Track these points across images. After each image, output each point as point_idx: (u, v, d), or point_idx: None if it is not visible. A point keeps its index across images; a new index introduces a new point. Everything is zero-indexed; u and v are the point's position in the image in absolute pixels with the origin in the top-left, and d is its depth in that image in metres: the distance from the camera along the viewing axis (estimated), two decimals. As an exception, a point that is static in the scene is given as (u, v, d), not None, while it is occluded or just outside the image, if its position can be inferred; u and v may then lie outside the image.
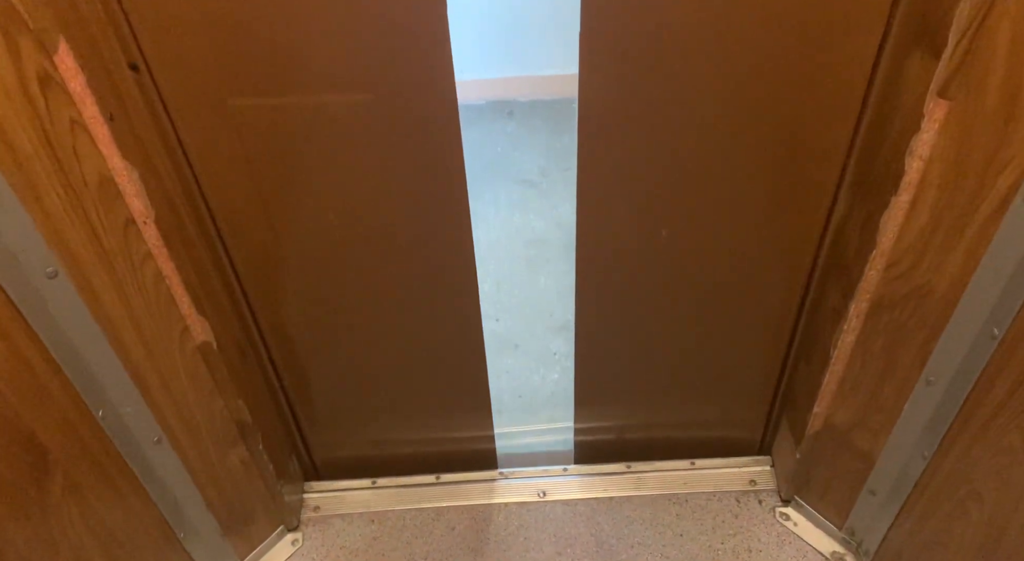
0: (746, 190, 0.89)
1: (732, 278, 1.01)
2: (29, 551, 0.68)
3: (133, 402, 0.85)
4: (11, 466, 0.65)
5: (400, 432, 1.22)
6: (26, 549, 0.67)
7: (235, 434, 1.02)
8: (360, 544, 1.20)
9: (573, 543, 1.19)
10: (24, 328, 0.68)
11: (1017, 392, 0.73)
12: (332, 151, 0.83)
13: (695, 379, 1.16)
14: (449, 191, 0.88)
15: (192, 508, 1.00)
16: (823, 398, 1.02)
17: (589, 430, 1.24)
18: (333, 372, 1.11)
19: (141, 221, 0.76)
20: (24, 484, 0.67)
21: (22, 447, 0.67)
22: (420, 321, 1.04)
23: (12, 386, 0.66)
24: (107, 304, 0.77)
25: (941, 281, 0.80)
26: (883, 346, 0.91)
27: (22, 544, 0.67)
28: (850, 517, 1.12)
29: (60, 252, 0.71)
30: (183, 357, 0.89)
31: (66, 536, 0.74)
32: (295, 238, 0.91)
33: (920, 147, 0.73)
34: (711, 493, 1.25)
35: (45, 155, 0.66)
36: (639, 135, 0.84)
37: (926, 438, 0.91)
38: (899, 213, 0.79)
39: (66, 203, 0.69)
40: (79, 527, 0.76)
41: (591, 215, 0.92)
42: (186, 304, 0.85)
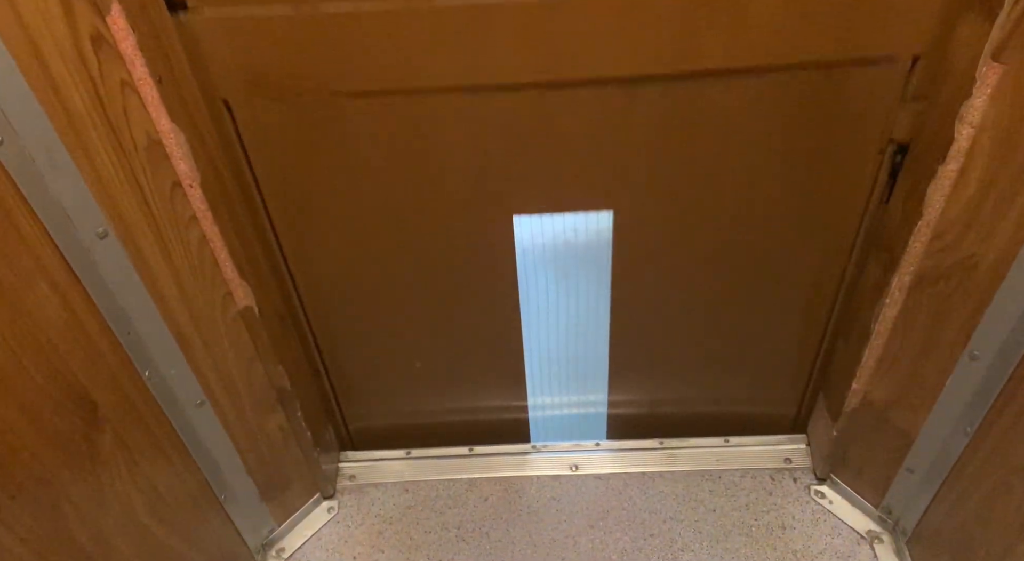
0: (786, 160, 0.88)
1: (771, 252, 0.99)
2: (81, 501, 0.70)
3: (177, 364, 0.87)
4: (64, 419, 0.67)
5: (435, 404, 1.24)
6: (79, 499, 0.69)
7: (274, 400, 1.03)
8: (394, 513, 1.22)
9: (605, 516, 1.19)
10: (77, 286, 0.70)
11: (1066, 365, 0.72)
12: (378, 121, 0.83)
13: (731, 355, 1.15)
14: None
15: (232, 472, 1.02)
16: (861, 375, 1.01)
17: (622, 403, 1.24)
18: (371, 342, 1.12)
19: (187, 184, 0.77)
20: (76, 437, 0.69)
21: (74, 402, 0.69)
22: (458, 294, 1.05)
23: (66, 342, 0.68)
24: (153, 266, 0.79)
25: (988, 253, 0.79)
26: (925, 321, 0.89)
27: (75, 494, 0.69)
28: (887, 496, 1.11)
29: (109, 212, 0.72)
30: (225, 321, 0.90)
31: (115, 490, 0.76)
32: (337, 205, 0.92)
33: (971, 113, 0.71)
34: (745, 470, 1.24)
35: (97, 116, 0.67)
36: (679, 98, 0.83)
37: (969, 414, 0.89)
38: (946, 183, 0.77)
39: (116, 164, 0.71)
40: (127, 482, 0.78)
41: (627, 189, 0.92)
42: (229, 269, 0.87)
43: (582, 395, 1.24)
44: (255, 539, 1.13)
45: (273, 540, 1.17)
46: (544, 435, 1.29)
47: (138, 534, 0.81)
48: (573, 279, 1.04)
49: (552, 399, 1.24)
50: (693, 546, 1.15)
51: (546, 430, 1.29)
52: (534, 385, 1.21)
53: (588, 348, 1.15)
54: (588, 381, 1.21)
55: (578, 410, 1.26)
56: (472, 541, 1.17)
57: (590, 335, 1.13)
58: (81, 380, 0.70)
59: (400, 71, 0.79)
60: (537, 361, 1.17)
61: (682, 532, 1.16)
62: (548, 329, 1.12)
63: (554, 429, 1.29)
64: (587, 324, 1.11)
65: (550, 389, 1.22)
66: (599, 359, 1.17)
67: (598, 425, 1.28)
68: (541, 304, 1.08)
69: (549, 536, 1.17)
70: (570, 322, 1.11)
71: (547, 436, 1.29)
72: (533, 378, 1.19)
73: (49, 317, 0.66)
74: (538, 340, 1.13)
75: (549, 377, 1.20)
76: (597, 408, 1.26)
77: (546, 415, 1.27)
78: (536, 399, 1.24)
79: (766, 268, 1.02)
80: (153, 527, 0.84)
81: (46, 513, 0.65)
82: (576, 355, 1.17)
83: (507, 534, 1.17)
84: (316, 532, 1.19)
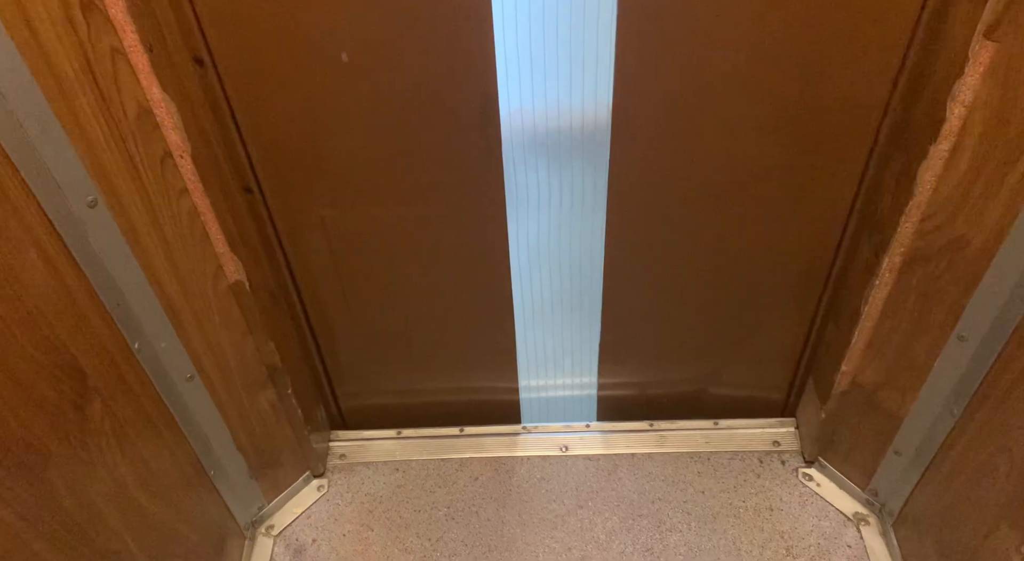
0: (780, 141, 0.88)
1: (763, 234, 1.00)
2: (70, 472, 0.70)
3: (167, 337, 0.87)
4: (53, 386, 0.67)
5: (426, 384, 1.24)
6: (67, 468, 0.69)
7: (265, 377, 1.03)
8: (385, 491, 1.22)
9: (594, 497, 1.20)
10: (66, 255, 0.70)
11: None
12: (368, 87, 0.83)
13: (721, 338, 1.16)
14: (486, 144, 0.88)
15: (221, 447, 1.02)
16: (851, 356, 1.01)
17: (613, 385, 1.25)
18: (362, 321, 1.12)
19: (178, 155, 0.77)
20: (65, 406, 0.69)
21: (63, 370, 0.69)
22: (450, 272, 1.05)
23: (55, 310, 0.68)
24: (143, 237, 0.79)
25: (978, 233, 0.79)
26: (915, 302, 0.90)
27: (64, 464, 0.69)
28: (874, 478, 1.12)
29: (100, 182, 0.72)
30: (216, 295, 0.90)
31: (103, 460, 0.76)
32: (330, 179, 0.92)
33: (963, 92, 0.71)
34: (734, 453, 1.25)
35: (87, 82, 0.67)
36: (671, 89, 0.83)
37: (956, 395, 0.90)
38: (938, 163, 0.77)
39: (106, 133, 0.70)
40: (115, 453, 0.78)
41: (621, 173, 0.92)
42: (220, 242, 0.86)
43: (573, 377, 1.24)
44: (245, 515, 1.13)
45: (263, 517, 1.17)
46: (535, 416, 1.30)
47: (127, 505, 0.81)
48: (566, 257, 1.05)
49: (543, 381, 1.24)
50: (681, 527, 1.15)
51: (537, 411, 1.29)
52: (526, 365, 1.21)
53: (579, 329, 1.16)
54: (579, 362, 1.22)
55: (569, 392, 1.27)
56: (462, 520, 1.17)
57: (582, 315, 1.13)
58: (70, 348, 0.70)
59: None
60: (529, 341, 1.17)
61: (670, 513, 1.17)
62: (541, 310, 1.12)
63: (545, 410, 1.29)
64: (580, 304, 1.11)
65: (541, 370, 1.23)
66: (590, 340, 1.17)
67: (589, 407, 1.29)
68: (535, 286, 1.08)
69: (538, 516, 1.17)
70: (563, 303, 1.11)
71: (538, 417, 1.30)
72: (525, 357, 1.20)
73: (38, 284, 0.66)
74: (532, 320, 1.14)
75: (541, 357, 1.20)
76: (587, 390, 1.26)
77: (537, 396, 1.27)
78: (527, 380, 1.24)
79: (758, 252, 1.02)
80: (142, 499, 0.84)
81: (34, 480, 0.65)
82: (567, 336, 1.17)
83: (497, 513, 1.18)
84: (306, 510, 1.20)
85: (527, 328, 1.15)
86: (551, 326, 1.15)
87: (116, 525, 0.78)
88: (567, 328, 1.15)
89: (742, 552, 1.12)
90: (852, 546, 1.12)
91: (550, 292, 1.08)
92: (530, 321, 1.13)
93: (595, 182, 0.94)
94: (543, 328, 1.14)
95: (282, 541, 1.16)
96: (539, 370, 1.22)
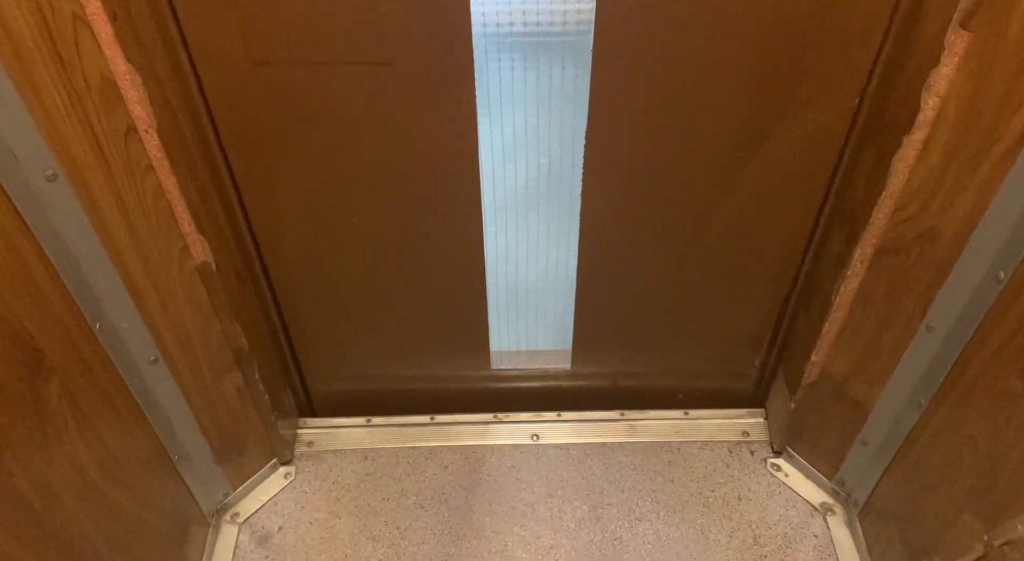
0: (752, 130, 0.88)
1: (735, 225, 1.00)
2: (25, 454, 0.68)
3: (130, 318, 0.85)
4: (7, 365, 0.65)
5: (396, 371, 1.22)
6: (22, 451, 0.67)
7: (231, 360, 1.01)
8: (353, 479, 1.21)
9: (564, 485, 1.19)
10: (23, 229, 0.67)
11: (1019, 334, 0.73)
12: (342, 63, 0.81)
13: (691, 328, 1.16)
14: (459, 128, 0.86)
15: (186, 432, 1.00)
16: (821, 347, 1.02)
17: (584, 376, 1.24)
18: (332, 306, 1.10)
19: (143, 129, 0.75)
20: (20, 385, 0.67)
21: (19, 348, 0.67)
22: (423, 257, 1.03)
23: (9, 286, 0.65)
24: (106, 214, 0.76)
25: (949, 224, 0.80)
26: (885, 293, 0.91)
27: (18, 445, 0.67)
28: (841, 468, 1.13)
29: (59, 154, 0.70)
30: (181, 276, 0.88)
31: (61, 443, 0.73)
32: (298, 158, 0.90)
33: (938, 82, 0.72)
34: (703, 443, 1.26)
35: (46, 48, 0.64)
36: (648, 71, 0.83)
37: (923, 386, 0.91)
38: (911, 153, 0.78)
39: (66, 103, 0.68)
40: (75, 437, 0.76)
41: (597, 163, 0.91)
42: (186, 221, 0.84)
43: (545, 366, 1.24)
44: (209, 502, 1.11)
45: (228, 504, 1.15)
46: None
47: (86, 490, 0.78)
48: (543, 240, 1.04)
49: (515, 370, 1.24)
50: (650, 516, 1.15)
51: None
52: (498, 352, 1.20)
53: (553, 319, 1.15)
54: (551, 353, 1.21)
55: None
56: (431, 508, 1.16)
57: (556, 304, 1.13)
58: (27, 326, 0.67)
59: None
60: (503, 327, 1.16)
61: (640, 502, 1.17)
62: (515, 294, 1.11)
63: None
64: (553, 293, 1.11)
65: (514, 358, 1.22)
66: (564, 332, 1.17)
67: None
68: (511, 270, 1.07)
69: (508, 504, 1.17)
70: (538, 291, 1.10)
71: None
72: (497, 343, 1.19)
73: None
74: (505, 306, 1.13)
75: (514, 341, 1.19)
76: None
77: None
78: (499, 369, 1.23)
79: (732, 241, 1.02)
80: (102, 484, 0.81)
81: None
82: (540, 326, 1.16)
83: (466, 502, 1.17)
84: (272, 497, 1.18)
85: (500, 314, 1.14)
86: (525, 315, 1.14)
87: (74, 510, 0.76)
88: (541, 311, 1.14)
89: (710, 541, 1.12)
90: (819, 536, 1.13)
91: (525, 273, 1.07)
92: (504, 307, 1.13)
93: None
94: (517, 312, 1.14)
95: (247, 528, 1.14)
96: (512, 358, 1.22)
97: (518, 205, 0.98)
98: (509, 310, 1.12)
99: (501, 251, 1.04)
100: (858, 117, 0.86)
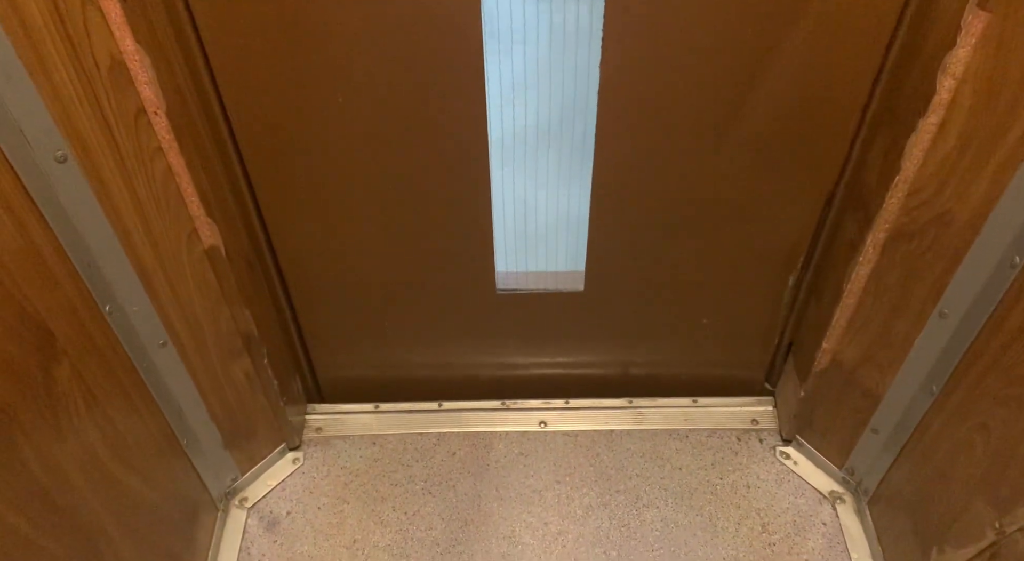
0: (766, 114, 0.87)
1: (746, 211, 0.99)
2: (37, 435, 0.68)
3: (139, 301, 0.85)
4: (18, 345, 0.65)
5: (405, 357, 1.22)
6: (34, 432, 0.67)
7: (240, 346, 1.01)
8: (361, 465, 1.21)
9: (572, 472, 1.19)
10: (33, 211, 0.67)
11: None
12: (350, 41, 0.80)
13: (701, 316, 1.15)
14: (465, 63, 0.84)
15: (195, 416, 1.00)
16: (832, 335, 1.01)
17: (594, 364, 1.24)
18: (341, 292, 1.10)
19: (152, 111, 0.74)
20: (31, 366, 0.67)
21: (29, 329, 0.67)
22: (432, 243, 1.03)
23: (20, 267, 0.65)
24: (115, 196, 0.76)
25: (964, 209, 0.79)
26: (898, 279, 0.90)
27: (30, 426, 0.67)
28: (851, 457, 1.12)
29: (69, 136, 0.69)
30: (191, 260, 0.88)
31: (72, 425, 0.74)
32: (310, 142, 0.89)
33: (954, 64, 0.71)
34: (712, 430, 1.25)
35: (56, 31, 0.64)
36: (661, 51, 0.82)
37: (935, 373, 0.90)
38: (926, 137, 0.77)
39: (76, 85, 0.68)
40: (84, 418, 0.76)
41: (608, 145, 0.90)
42: (195, 205, 0.84)
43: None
44: (218, 487, 1.12)
45: (236, 489, 1.16)
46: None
47: (97, 472, 0.79)
48: (554, 181, 1.00)
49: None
50: (658, 503, 1.15)
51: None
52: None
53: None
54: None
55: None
56: (439, 494, 1.17)
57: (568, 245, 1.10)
58: (37, 308, 0.67)
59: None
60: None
61: (647, 489, 1.17)
62: (524, 237, 1.06)
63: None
64: (564, 233, 1.07)
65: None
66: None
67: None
68: (519, 254, 1.06)
69: (516, 490, 1.17)
70: (547, 232, 1.05)
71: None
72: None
73: (3, 241, 0.63)
74: (513, 246, 1.10)
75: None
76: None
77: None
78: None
79: (743, 227, 1.01)
80: (112, 466, 0.82)
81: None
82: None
83: (474, 488, 1.17)
84: (280, 482, 1.18)
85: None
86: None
87: (85, 491, 0.76)
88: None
89: (718, 529, 1.12)
90: (827, 524, 1.12)
91: (534, 215, 1.03)
92: (512, 244, 1.09)
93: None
94: (526, 253, 1.08)
95: (256, 513, 1.14)
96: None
97: (527, 145, 0.94)
98: (518, 250, 1.07)
99: (508, 193, 0.99)
100: (872, 100, 0.85)
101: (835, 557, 1.08)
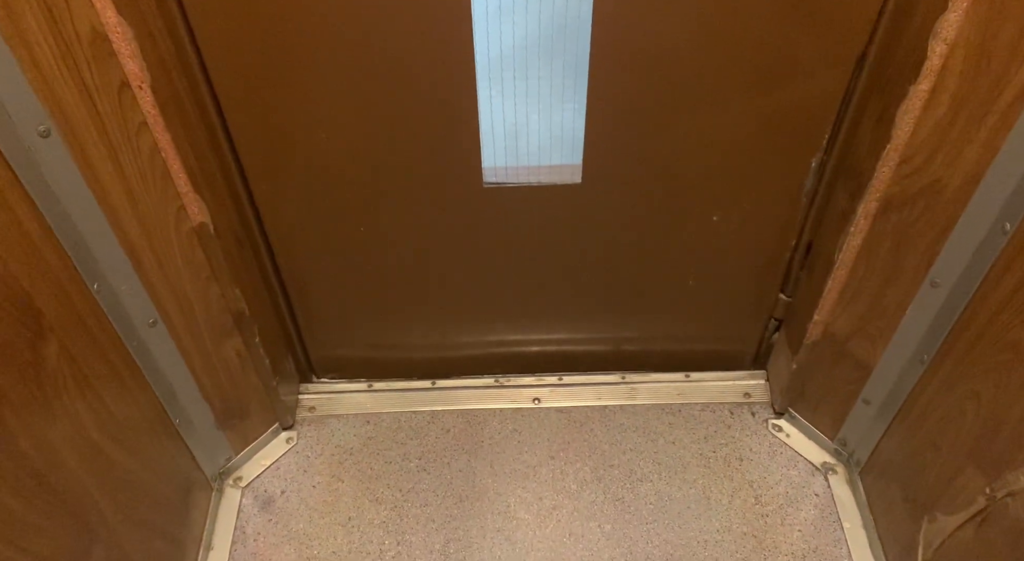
0: (754, 83, 0.86)
1: (736, 183, 0.98)
2: (27, 414, 0.67)
3: (127, 279, 0.84)
4: (5, 323, 0.64)
5: (398, 336, 1.22)
6: (24, 411, 0.67)
7: (231, 324, 1.01)
8: (355, 443, 1.21)
9: (566, 447, 1.20)
10: (16, 185, 0.66)
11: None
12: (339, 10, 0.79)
13: (692, 291, 1.15)
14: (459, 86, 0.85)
15: (186, 396, 1.00)
16: (823, 306, 1.01)
17: (585, 340, 1.24)
18: (332, 268, 1.09)
19: (136, 85, 0.73)
20: (19, 344, 0.66)
21: (16, 307, 0.66)
22: (425, 216, 1.02)
23: (4, 243, 0.64)
24: (101, 171, 0.75)
25: (955, 176, 0.79)
26: (889, 248, 0.90)
27: (19, 405, 0.66)
28: (843, 428, 1.13)
29: (52, 110, 0.68)
30: (179, 237, 0.87)
31: (62, 404, 0.73)
32: (297, 111, 0.88)
33: (945, 29, 0.70)
34: (705, 404, 1.26)
35: (35, 1, 0.63)
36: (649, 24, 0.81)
37: (927, 342, 0.90)
38: (917, 103, 0.77)
39: (57, 57, 0.67)
40: (75, 398, 0.75)
41: (599, 115, 0.90)
42: (183, 181, 0.83)
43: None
44: (212, 467, 1.11)
45: (230, 468, 1.15)
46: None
47: (88, 451, 0.78)
48: (546, 103, 0.97)
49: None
50: (652, 477, 1.16)
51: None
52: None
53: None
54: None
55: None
56: (433, 471, 1.17)
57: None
58: (24, 285, 0.67)
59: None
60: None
61: (641, 463, 1.18)
62: (515, 155, 1.01)
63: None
64: (558, 156, 1.02)
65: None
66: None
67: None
68: (510, 136, 1.00)
69: (510, 466, 1.17)
70: (540, 153, 1.01)
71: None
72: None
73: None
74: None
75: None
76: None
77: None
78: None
79: (733, 201, 1.01)
80: (104, 445, 0.81)
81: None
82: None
83: (468, 464, 1.17)
84: (274, 462, 1.18)
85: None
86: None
87: (77, 470, 0.76)
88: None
89: (711, 501, 1.13)
90: (820, 495, 1.13)
91: (526, 140, 0.97)
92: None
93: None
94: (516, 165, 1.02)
95: (250, 492, 1.14)
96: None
97: (515, 65, 0.90)
98: (508, 151, 1.01)
99: (498, 116, 0.95)
100: (862, 68, 0.84)
101: (827, 527, 1.09)
